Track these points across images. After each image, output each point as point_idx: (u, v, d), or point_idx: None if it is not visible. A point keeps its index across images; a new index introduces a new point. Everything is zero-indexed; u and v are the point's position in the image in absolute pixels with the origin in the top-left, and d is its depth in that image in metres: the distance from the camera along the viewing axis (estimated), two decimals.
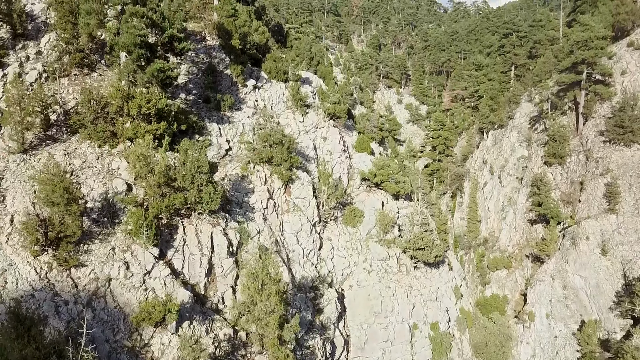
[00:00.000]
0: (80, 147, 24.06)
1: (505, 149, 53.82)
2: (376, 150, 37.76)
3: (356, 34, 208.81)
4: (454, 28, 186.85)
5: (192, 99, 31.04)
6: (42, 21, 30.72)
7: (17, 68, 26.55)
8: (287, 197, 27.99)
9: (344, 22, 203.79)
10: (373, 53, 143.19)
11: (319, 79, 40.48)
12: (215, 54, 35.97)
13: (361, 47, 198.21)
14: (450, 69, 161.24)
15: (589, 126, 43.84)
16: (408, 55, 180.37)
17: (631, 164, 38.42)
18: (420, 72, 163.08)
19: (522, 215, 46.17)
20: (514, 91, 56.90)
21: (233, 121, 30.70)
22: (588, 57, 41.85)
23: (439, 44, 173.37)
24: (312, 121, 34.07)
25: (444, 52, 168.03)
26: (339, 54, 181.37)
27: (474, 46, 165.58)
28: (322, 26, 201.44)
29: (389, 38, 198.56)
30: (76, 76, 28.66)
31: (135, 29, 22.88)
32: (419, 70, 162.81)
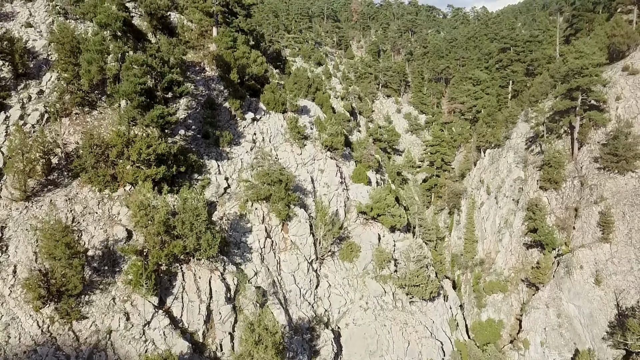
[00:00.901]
0: (81, 192, 24.56)
1: (502, 169, 54.37)
2: (373, 178, 38.23)
3: (355, 40, 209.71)
4: (453, 35, 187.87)
5: (191, 134, 31.55)
6: (43, 59, 31.26)
7: (19, 110, 27.09)
8: (284, 235, 28.51)
9: (343, 28, 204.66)
10: (372, 62, 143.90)
11: (317, 107, 41.01)
12: (215, 85, 36.56)
13: (360, 53, 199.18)
14: (449, 76, 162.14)
15: (584, 152, 44.39)
16: (407, 62, 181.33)
17: (625, 192, 38.95)
18: (419, 79, 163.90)
19: (518, 238, 46.69)
20: (511, 111, 57.49)
21: (232, 157, 31.22)
22: (582, 84, 42.41)
23: (438, 51, 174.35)
24: (309, 153, 34.60)
25: (443, 58, 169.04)
26: (338, 60, 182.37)
27: (472, 53, 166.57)
28: (322, 32, 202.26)
29: (388, 44, 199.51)
30: (77, 115, 29.20)
31: (135, 77, 23.40)
32: (417, 78, 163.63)
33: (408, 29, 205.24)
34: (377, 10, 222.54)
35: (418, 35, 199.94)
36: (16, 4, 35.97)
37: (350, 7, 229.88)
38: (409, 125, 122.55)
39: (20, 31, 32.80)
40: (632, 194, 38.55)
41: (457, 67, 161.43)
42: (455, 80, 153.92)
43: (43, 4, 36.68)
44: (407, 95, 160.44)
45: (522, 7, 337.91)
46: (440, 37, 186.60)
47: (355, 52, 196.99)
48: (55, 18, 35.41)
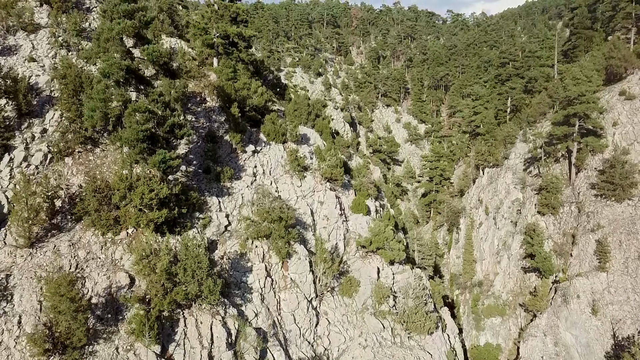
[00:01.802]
0: (84, 236, 24.96)
1: (500, 189, 54.86)
2: (372, 207, 38.68)
3: (355, 46, 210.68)
4: (452, 41, 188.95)
5: (192, 170, 31.97)
6: (47, 95, 31.66)
7: (23, 151, 27.48)
8: (284, 273, 28.94)
9: (343, 34, 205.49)
10: (372, 71, 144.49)
11: (317, 134, 41.50)
12: (215, 117, 37.03)
13: (360, 59, 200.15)
14: (448, 83, 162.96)
15: (581, 177, 44.89)
16: (407, 68, 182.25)
17: (621, 220, 39.43)
18: (419, 87, 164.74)
19: (516, 262, 47.16)
20: (509, 131, 58.00)
21: (232, 192, 31.66)
22: (580, 111, 42.89)
23: (437, 58, 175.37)
24: (309, 185, 35.06)
25: (443, 65, 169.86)
26: (338, 66, 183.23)
27: (472, 60, 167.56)
28: (322, 37, 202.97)
29: (388, 50, 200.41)
30: (80, 153, 29.61)
31: (137, 124, 23.83)
32: (417, 85, 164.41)
33: (408, 35, 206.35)
34: (377, 15, 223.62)
35: (418, 41, 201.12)
36: (19, 36, 36.35)
37: (350, 12, 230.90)
38: (408, 135, 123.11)
39: (23, 66, 33.21)
40: (629, 222, 39.04)
41: (456, 75, 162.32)
42: (455, 88, 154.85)
43: (46, 36, 37.12)
44: (406, 102, 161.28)
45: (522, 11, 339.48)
46: (440, 43, 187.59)
47: (355, 58, 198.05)
48: (58, 51, 35.92)
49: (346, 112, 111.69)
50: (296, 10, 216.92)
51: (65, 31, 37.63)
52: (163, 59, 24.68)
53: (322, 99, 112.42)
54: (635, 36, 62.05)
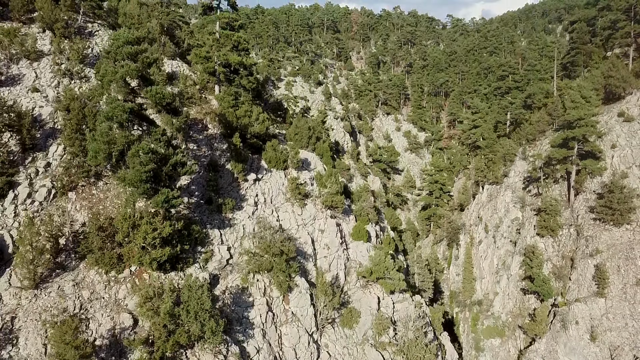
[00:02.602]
0: (88, 275, 25.28)
1: (500, 207, 55.18)
2: (372, 232, 39.00)
3: (355, 51, 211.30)
4: (452, 47, 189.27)
5: (194, 201, 32.28)
6: (50, 128, 31.99)
7: (27, 187, 27.78)
8: (285, 306, 29.24)
9: (343, 39, 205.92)
10: (372, 78, 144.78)
11: (317, 159, 41.83)
12: (217, 144, 37.37)
13: (360, 65, 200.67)
14: (449, 90, 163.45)
15: (580, 200, 45.20)
16: (407, 74, 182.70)
17: (620, 245, 39.74)
18: (419, 93, 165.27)
19: (516, 283, 47.48)
20: (509, 149, 58.32)
21: (234, 223, 31.98)
22: (578, 134, 43.21)
23: (437, 64, 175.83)
24: (310, 213, 35.38)
25: (443, 72, 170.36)
26: (338, 71, 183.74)
27: (472, 67, 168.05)
28: (322, 42, 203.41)
29: (388, 56, 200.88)
30: (83, 187, 29.94)
31: (141, 165, 24.12)
32: (417, 91, 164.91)
33: (408, 40, 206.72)
34: (377, 20, 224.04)
35: (418, 47, 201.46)
36: (22, 64, 36.67)
37: (350, 17, 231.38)
38: (408, 143, 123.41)
39: (26, 97, 33.54)
40: (627, 248, 39.35)
41: (456, 81, 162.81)
42: (455, 95, 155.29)
43: (49, 64, 37.43)
44: (406, 109, 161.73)
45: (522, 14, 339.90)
46: (440, 50, 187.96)
47: (355, 63, 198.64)
48: (61, 80, 36.25)
49: (346, 122, 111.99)
50: (296, 15, 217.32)
51: (68, 59, 38.01)
52: (166, 101, 24.96)
53: (323, 108, 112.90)
54: (635, 52, 62.37)
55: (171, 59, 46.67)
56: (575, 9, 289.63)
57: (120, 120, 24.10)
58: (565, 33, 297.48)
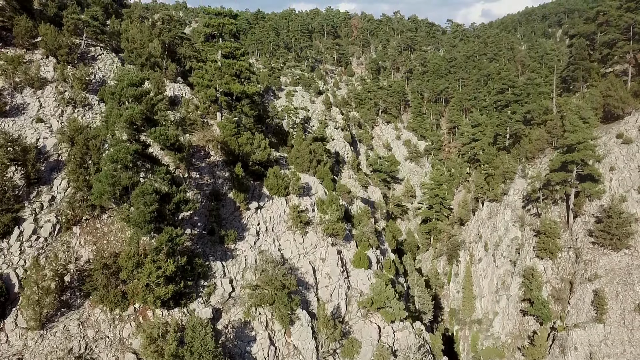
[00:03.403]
0: (93, 313, 25.64)
1: (499, 226, 55.55)
2: (373, 258, 39.34)
3: (355, 56, 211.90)
4: (452, 54, 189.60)
5: (197, 232, 32.64)
6: (54, 160, 32.35)
7: (32, 223, 28.14)
8: (287, 340, 29.59)
9: (343, 44, 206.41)
10: (372, 86, 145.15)
11: (318, 183, 42.21)
12: (219, 172, 37.76)
13: (360, 70, 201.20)
14: (449, 97, 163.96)
15: (579, 223, 45.58)
16: (407, 80, 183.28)
17: (618, 270, 40.10)
18: (419, 100, 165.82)
19: (515, 304, 47.83)
20: (508, 167, 58.72)
21: (236, 255, 32.35)
22: (577, 158, 43.59)
23: (437, 70, 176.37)
24: (311, 241, 35.75)
25: (443, 78, 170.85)
26: (338, 77, 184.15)
27: (472, 73, 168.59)
28: (322, 48, 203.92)
29: (388, 61, 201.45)
30: (87, 221, 30.30)
31: (145, 206, 24.49)
32: (417, 98, 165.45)
33: (408, 46, 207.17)
34: (377, 25, 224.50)
35: (418, 52, 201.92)
36: (26, 93, 37.02)
37: (350, 22, 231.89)
38: (408, 152, 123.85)
39: (31, 127, 33.91)
40: (625, 273, 39.71)
41: (456, 88, 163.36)
42: (455, 102, 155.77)
43: (52, 92, 37.78)
44: (407, 115, 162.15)
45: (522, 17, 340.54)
46: (440, 56, 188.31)
47: (356, 68, 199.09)
48: (64, 109, 36.63)
49: (346, 132, 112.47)
50: (297, 20, 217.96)
51: (72, 87, 38.39)
52: (170, 142, 25.35)
53: (323, 118, 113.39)
54: (634, 68, 62.73)
55: (173, 81, 47.13)
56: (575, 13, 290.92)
57: (125, 163, 24.47)
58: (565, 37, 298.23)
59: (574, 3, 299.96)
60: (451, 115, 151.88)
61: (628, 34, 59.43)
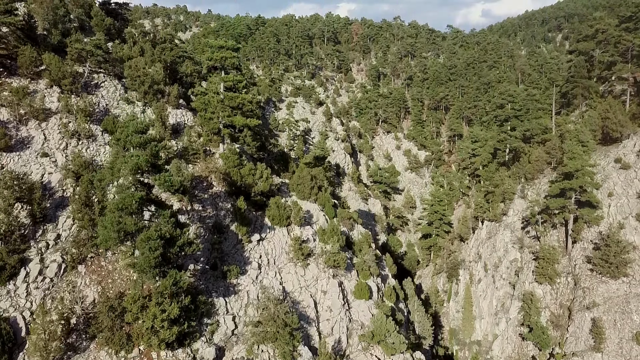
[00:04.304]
0: (98, 356, 26.09)
1: (499, 246, 56.00)
2: (374, 286, 39.79)
3: (356, 62, 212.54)
4: (452, 60, 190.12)
5: (200, 267, 33.07)
6: (59, 196, 32.78)
7: (38, 264, 28.57)
8: None
9: (344, 51, 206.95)
10: (373, 95, 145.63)
11: (319, 210, 42.67)
12: (222, 203, 38.22)
13: (361, 77, 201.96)
14: (449, 104, 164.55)
15: (577, 249, 46.03)
16: (407, 87, 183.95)
17: (616, 299, 40.54)
18: (419, 107, 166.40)
19: (514, 327, 48.27)
20: (507, 188, 59.20)
21: (239, 290, 32.80)
22: (576, 186, 44.05)
23: (437, 78, 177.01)
24: (312, 274, 36.21)
25: (443, 85, 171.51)
26: (339, 84, 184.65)
27: (472, 81, 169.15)
28: (322, 54, 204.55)
29: (388, 68, 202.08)
30: (92, 259, 30.74)
31: (150, 252, 24.93)
32: (417, 106, 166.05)
33: (408, 52, 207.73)
34: (377, 31, 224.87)
35: (418, 59, 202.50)
36: (31, 125, 37.37)
37: (350, 28, 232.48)
38: (408, 163, 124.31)
39: (36, 162, 34.30)
40: (623, 301, 40.16)
41: (457, 95, 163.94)
42: (455, 110, 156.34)
43: (57, 124, 38.17)
44: (407, 122, 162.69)
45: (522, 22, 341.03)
46: (440, 63, 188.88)
47: (356, 75, 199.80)
48: (69, 142, 37.06)
49: (346, 143, 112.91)
50: (297, 26, 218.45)
51: (76, 118, 38.80)
52: (175, 187, 25.80)
53: (324, 130, 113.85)
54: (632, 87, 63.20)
55: (175, 107, 47.51)
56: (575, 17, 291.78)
57: (130, 210, 24.92)
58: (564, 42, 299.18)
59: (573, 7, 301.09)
60: (451, 124, 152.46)
61: (627, 56, 59.93)
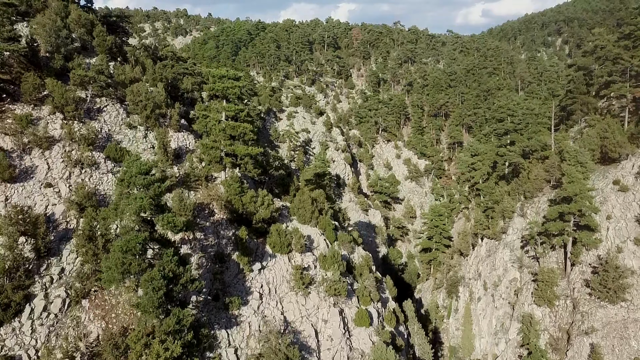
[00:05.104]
0: None
1: (498, 265, 56.40)
2: (374, 312, 40.18)
3: (356, 68, 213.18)
4: (452, 67, 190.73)
5: (202, 299, 33.45)
6: (63, 228, 33.15)
7: (43, 300, 28.92)
8: None
9: (344, 56, 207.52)
10: (373, 104, 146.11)
11: (320, 235, 43.08)
12: (223, 231, 38.62)
13: (361, 83, 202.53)
14: (449, 111, 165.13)
15: (576, 272, 46.44)
16: (407, 93, 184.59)
17: (614, 324, 40.92)
18: (419, 114, 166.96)
19: (514, 349, 48.65)
20: (506, 206, 59.64)
21: (240, 321, 33.19)
22: (574, 210, 44.44)
23: (437, 84, 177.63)
24: (313, 303, 36.59)
25: (443, 92, 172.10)
26: (339, 90, 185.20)
27: (471, 88, 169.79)
28: (322, 60, 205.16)
29: (388, 74, 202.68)
30: (96, 293, 31.12)
31: (154, 292, 25.30)
32: (417, 112, 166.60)
33: (408, 58, 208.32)
34: (377, 37, 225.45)
35: (418, 65, 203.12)
36: (34, 154, 37.66)
37: (350, 33, 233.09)
38: (408, 172, 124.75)
39: (40, 193, 34.63)
40: (622, 326, 40.54)
41: (456, 103, 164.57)
42: (455, 117, 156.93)
43: (60, 153, 38.47)
44: (407, 129, 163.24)
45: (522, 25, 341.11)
46: (440, 69, 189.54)
47: (356, 81, 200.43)
48: (72, 170, 37.42)
49: (347, 153, 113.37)
50: (297, 32, 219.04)
51: (79, 146, 39.15)
52: (178, 228, 26.20)
53: (324, 140, 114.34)
54: (632, 103, 63.64)
55: (177, 131, 47.88)
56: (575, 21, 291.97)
57: (134, 252, 25.30)
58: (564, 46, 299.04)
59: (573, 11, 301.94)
60: (451, 131, 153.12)
61: (625, 76, 60.35)
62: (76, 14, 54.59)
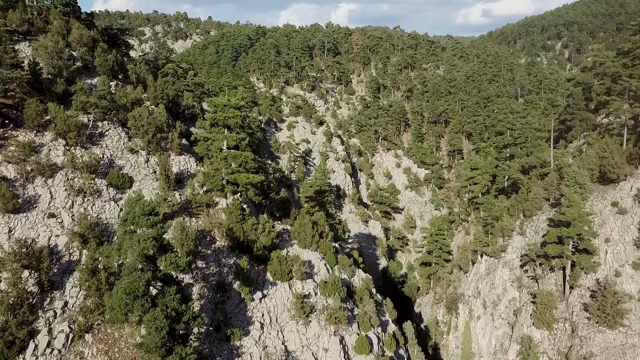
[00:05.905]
0: None
1: (498, 284, 56.74)
2: (374, 338, 40.48)
3: (356, 74, 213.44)
4: (452, 74, 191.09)
5: (204, 331, 33.76)
6: (66, 260, 33.45)
7: (46, 335, 29.24)
8: None
9: (344, 62, 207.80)
10: (373, 113, 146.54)
11: (320, 260, 43.39)
12: (225, 259, 38.94)
13: (361, 88, 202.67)
14: (449, 118, 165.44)
15: (575, 295, 46.78)
16: (407, 99, 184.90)
17: (613, 349, 41.27)
18: (419, 121, 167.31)
19: None
20: (505, 224, 60.00)
21: (242, 352, 33.54)
22: (573, 234, 44.78)
23: (437, 91, 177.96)
24: (314, 332, 36.90)
25: (442, 99, 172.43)
26: (339, 96, 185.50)
27: (471, 95, 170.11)
28: (322, 65, 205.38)
29: (388, 79, 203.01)
30: (99, 326, 31.44)
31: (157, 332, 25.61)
32: (417, 119, 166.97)
33: (408, 64, 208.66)
34: (377, 42, 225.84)
35: (418, 71, 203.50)
36: (37, 182, 37.92)
37: (350, 39, 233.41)
38: (408, 181, 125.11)
39: (43, 223, 34.94)
40: (620, 352, 40.88)
41: (456, 110, 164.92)
42: (455, 124, 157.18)
43: (62, 181, 38.73)
44: (407, 136, 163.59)
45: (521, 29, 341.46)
46: (440, 75, 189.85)
47: (356, 87, 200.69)
48: (75, 199, 37.72)
49: (347, 163, 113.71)
50: (297, 37, 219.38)
51: (81, 173, 39.41)
52: (181, 268, 26.52)
53: (324, 150, 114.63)
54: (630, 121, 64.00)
55: (178, 154, 48.14)
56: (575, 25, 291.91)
57: (137, 294, 25.62)
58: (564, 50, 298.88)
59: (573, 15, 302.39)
60: (451, 138, 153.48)
61: (623, 95, 60.70)
62: (78, 33, 54.81)
